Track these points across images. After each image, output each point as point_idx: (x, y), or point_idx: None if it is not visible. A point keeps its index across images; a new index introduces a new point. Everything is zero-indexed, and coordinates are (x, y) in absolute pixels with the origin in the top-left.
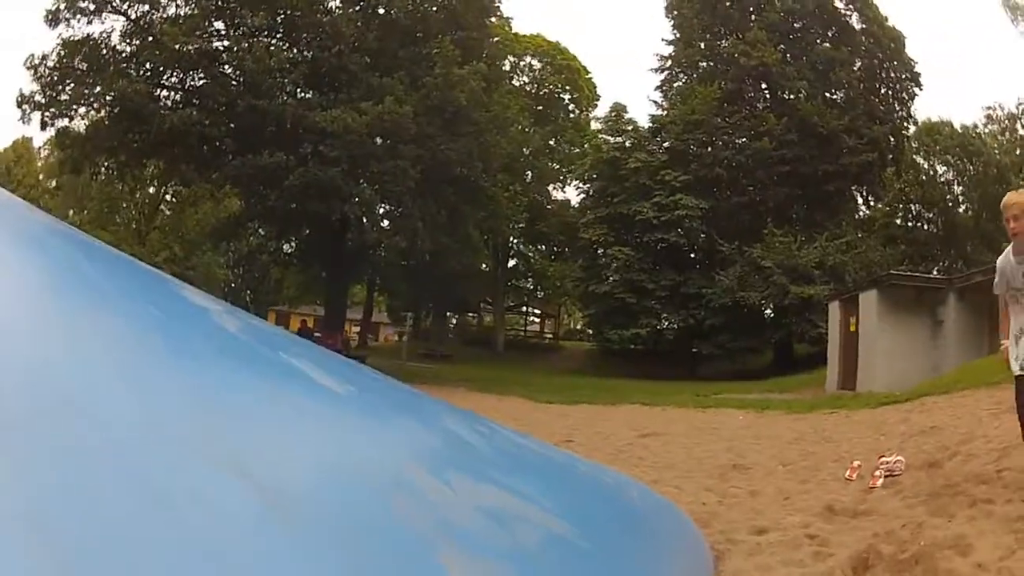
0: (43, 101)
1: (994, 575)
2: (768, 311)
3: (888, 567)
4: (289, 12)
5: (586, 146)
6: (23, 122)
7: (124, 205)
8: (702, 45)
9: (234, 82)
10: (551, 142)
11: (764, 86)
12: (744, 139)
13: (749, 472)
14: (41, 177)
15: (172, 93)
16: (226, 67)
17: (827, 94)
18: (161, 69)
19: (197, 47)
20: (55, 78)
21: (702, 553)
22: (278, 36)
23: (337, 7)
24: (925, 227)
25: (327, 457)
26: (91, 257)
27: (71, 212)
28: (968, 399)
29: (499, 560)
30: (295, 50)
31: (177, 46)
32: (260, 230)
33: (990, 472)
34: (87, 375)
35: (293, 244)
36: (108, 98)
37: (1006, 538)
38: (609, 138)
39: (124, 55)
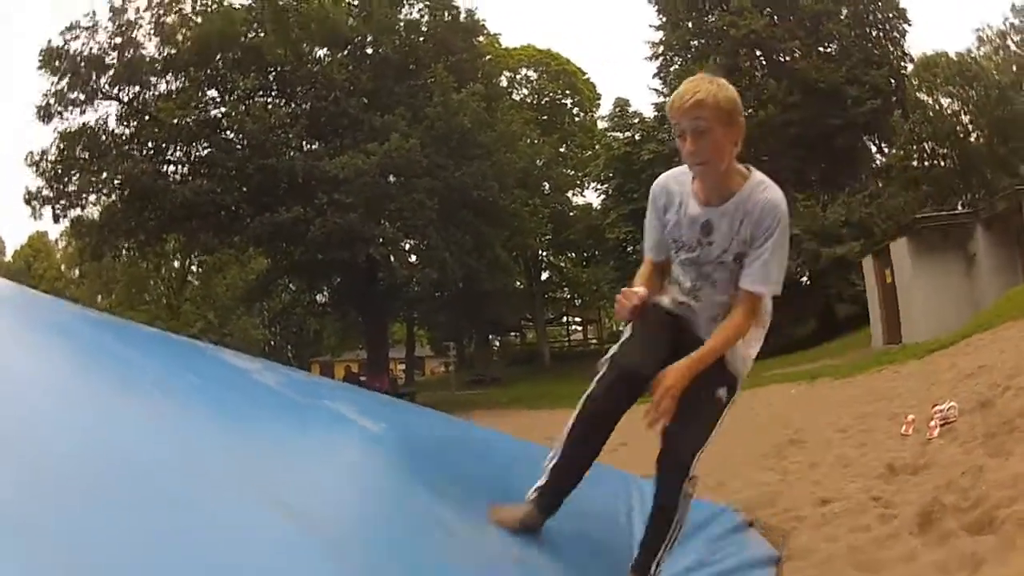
0: (51, 195)
1: None
2: (804, 279)
3: (953, 517)
4: (279, 68)
5: (597, 147)
6: (34, 218)
7: (152, 283)
8: (690, 24)
9: (238, 146)
10: (562, 149)
11: (759, 53)
12: (749, 110)
13: (806, 445)
14: (63, 268)
15: (179, 167)
16: (228, 132)
17: (820, 48)
18: (164, 145)
19: (195, 118)
20: (59, 171)
21: (756, 543)
22: (273, 93)
23: (326, 55)
24: (942, 163)
25: (360, 491)
26: (123, 338)
27: (99, 298)
28: (1012, 331)
29: None
30: (292, 104)
31: (175, 120)
32: (291, 285)
33: None
34: (133, 441)
35: (326, 294)
36: (116, 182)
37: None
38: (618, 134)
39: (124, 138)
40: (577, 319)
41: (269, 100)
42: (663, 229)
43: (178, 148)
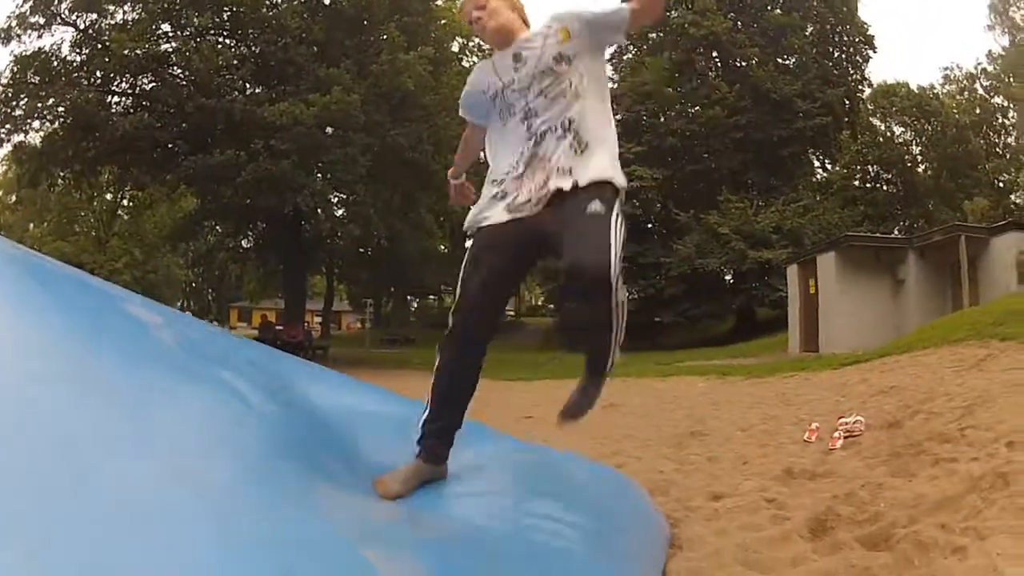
0: None
1: (959, 535)
2: (728, 277)
3: (847, 528)
4: (235, 9)
5: None
6: None
7: (82, 214)
8: None
9: (183, 83)
10: None
11: (715, 54)
12: (697, 108)
13: (707, 439)
14: (0, 193)
15: (123, 99)
16: (175, 68)
17: (779, 60)
18: (112, 76)
19: (145, 51)
20: (9, 94)
21: (656, 522)
22: (225, 34)
23: (282, 0)
24: (884, 187)
25: (245, 449)
26: (41, 280)
27: (31, 225)
28: (930, 357)
29: (418, 552)
30: (242, 47)
31: (126, 51)
32: (217, 228)
33: (953, 430)
34: (34, 390)
35: (250, 239)
36: (61, 109)
37: (970, 497)
38: None
39: (75, 65)
40: None
41: (220, 40)
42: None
43: (124, 80)
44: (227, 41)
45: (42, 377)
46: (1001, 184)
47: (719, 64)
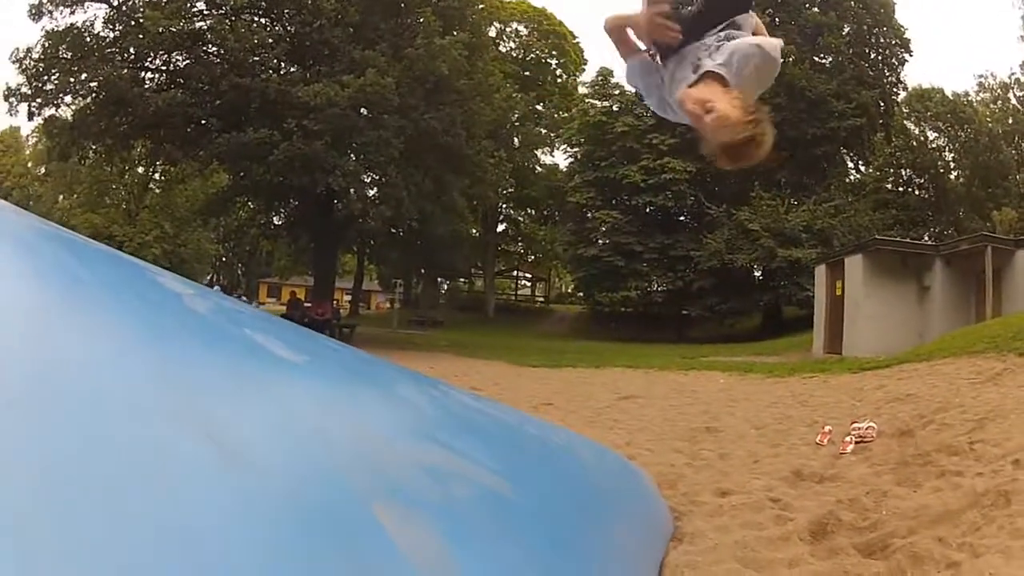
0: (29, 92)
1: (955, 550)
2: (757, 274)
3: (846, 534)
4: None
5: (573, 111)
6: (10, 114)
7: (113, 187)
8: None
9: (217, 61)
10: (539, 107)
11: None
12: None
13: (721, 435)
14: (30, 165)
15: (156, 75)
16: (209, 47)
17: (816, 59)
18: (145, 52)
19: (179, 28)
20: (40, 69)
21: (661, 514)
22: (260, 13)
23: None
24: (916, 192)
25: (279, 421)
26: (77, 254)
27: (61, 197)
28: (948, 367)
29: (433, 515)
30: (277, 26)
31: (160, 29)
32: (249, 204)
33: (962, 443)
34: (70, 359)
35: (282, 216)
36: (93, 85)
37: (971, 513)
38: (596, 102)
39: (108, 41)
40: (527, 275)
41: (255, 19)
42: None
43: (158, 57)
44: (262, 20)
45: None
46: None
47: None
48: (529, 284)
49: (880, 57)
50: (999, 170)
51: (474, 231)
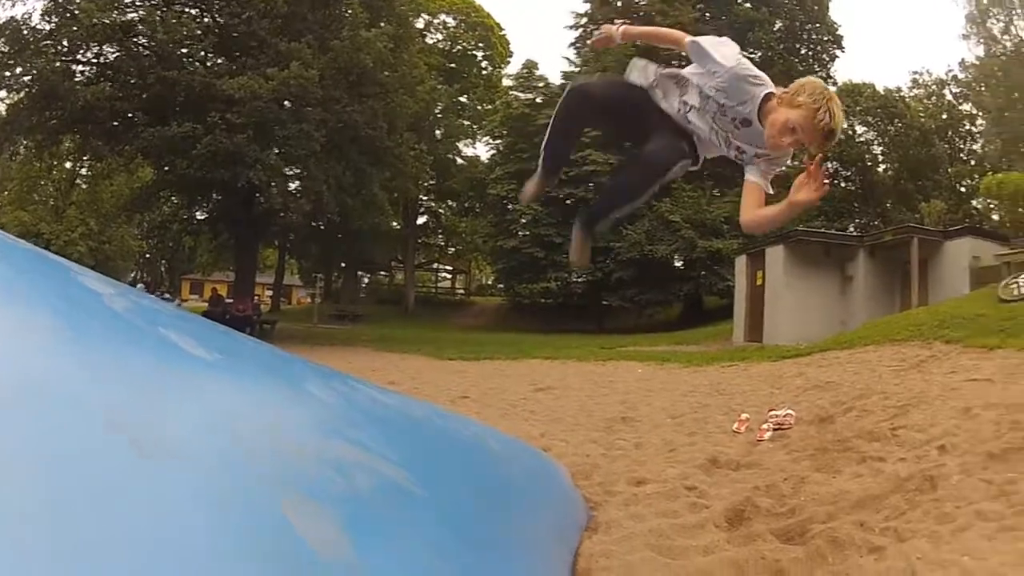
0: None
1: (877, 535)
2: (678, 264)
3: (763, 520)
4: None
5: (497, 103)
6: None
7: (42, 183)
8: (619, 3)
9: (146, 53)
10: (462, 99)
11: None
12: None
13: (637, 424)
14: None
15: (87, 68)
16: (139, 39)
17: (745, 53)
18: (78, 45)
19: (112, 20)
20: None
21: (574, 504)
22: (190, 4)
23: None
24: (843, 184)
25: (192, 418)
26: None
27: None
28: (871, 355)
29: (339, 509)
30: (207, 17)
31: (94, 21)
32: (173, 199)
33: (884, 430)
34: None
35: (205, 211)
36: (27, 79)
37: (894, 498)
38: (520, 95)
39: (43, 34)
40: (448, 267)
41: (185, 11)
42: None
43: (90, 50)
44: (192, 11)
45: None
46: (963, 189)
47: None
48: (449, 276)
49: (811, 52)
50: (930, 164)
51: (395, 224)
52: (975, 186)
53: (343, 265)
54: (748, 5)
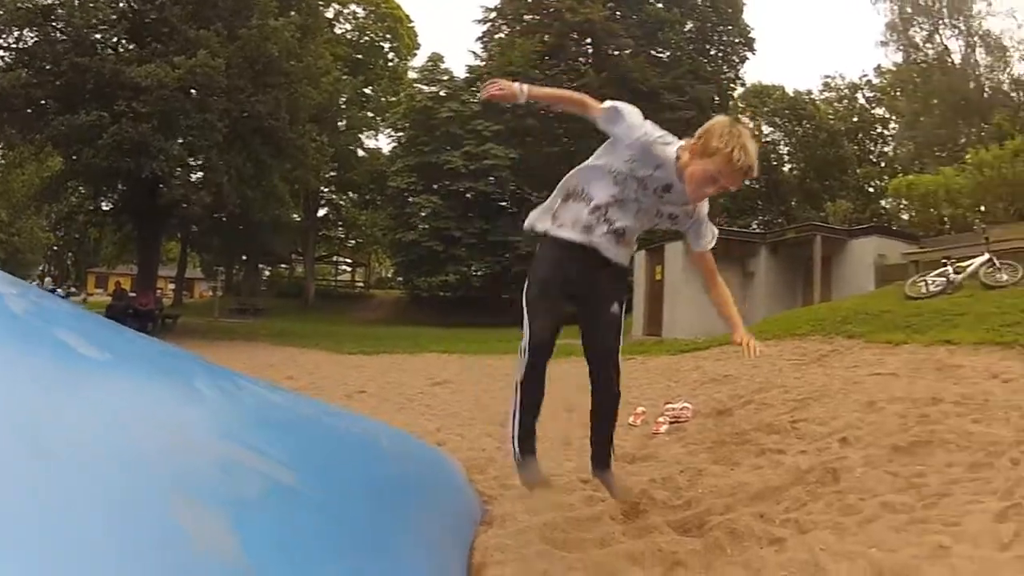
0: None
1: (777, 527)
2: None
3: (660, 513)
4: None
5: (401, 95)
6: None
7: None
8: (528, 0)
9: (63, 38)
10: (367, 90)
11: (589, 42)
12: None
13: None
14: None
15: (7, 54)
16: (57, 23)
17: (653, 52)
18: (1, 29)
19: (35, 3)
20: None
21: (468, 499)
22: None
23: None
24: (747, 183)
25: (83, 418)
26: None
27: None
28: (771, 349)
29: (226, 510)
30: (121, 2)
31: (18, 4)
32: (80, 189)
33: (784, 422)
34: None
35: (110, 202)
36: None
37: (795, 490)
38: (424, 87)
39: None
40: (348, 260)
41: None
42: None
43: (11, 35)
44: None
45: None
46: (871, 190)
47: (590, 51)
48: (349, 269)
49: (721, 53)
50: (838, 164)
51: (295, 216)
52: (883, 187)
53: (244, 258)
54: (660, 5)
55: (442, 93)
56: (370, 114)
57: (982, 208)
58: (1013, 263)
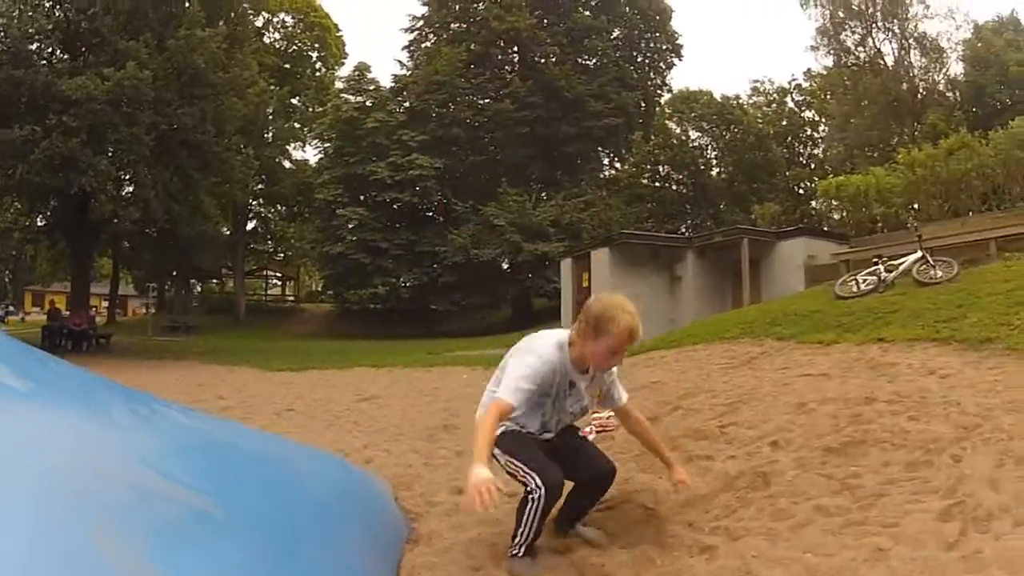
0: None
1: (707, 535)
2: (505, 267)
3: (589, 521)
4: None
5: (328, 105)
6: None
7: None
8: (457, 7)
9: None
10: (295, 101)
11: (515, 49)
12: (487, 100)
13: (459, 432)
14: None
15: None
16: None
17: (579, 60)
18: None
19: None
20: None
21: (393, 517)
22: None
23: None
24: (674, 187)
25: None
26: None
27: None
28: (700, 353)
29: (143, 537)
30: (57, 11)
31: None
32: (16, 204)
33: (712, 428)
34: None
35: (43, 219)
36: None
37: (724, 496)
38: (350, 97)
39: None
40: (278, 274)
41: (40, 2)
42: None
43: None
44: (46, 3)
45: None
46: (801, 191)
47: (516, 59)
48: (280, 283)
49: (648, 60)
50: (766, 167)
51: (224, 230)
52: (813, 189)
53: (175, 274)
54: (587, 13)
55: (368, 103)
56: (297, 125)
57: (915, 206)
58: (948, 260)
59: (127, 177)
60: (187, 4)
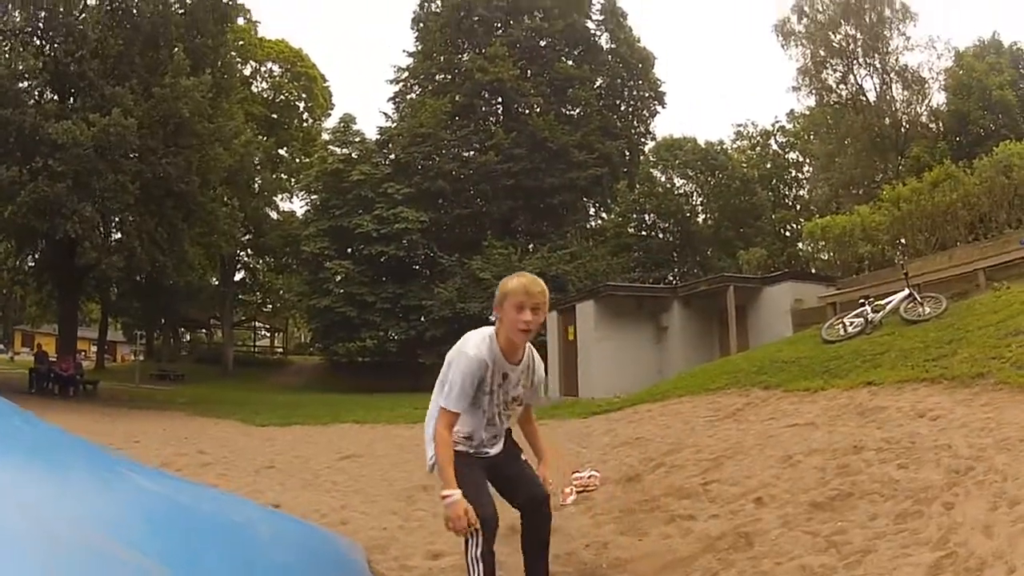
0: None
1: None
2: (491, 320)
3: None
4: (49, 11)
5: (314, 157)
6: None
7: None
8: (442, 59)
9: None
10: (281, 151)
11: (499, 100)
12: (472, 152)
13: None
14: None
15: None
16: None
17: (564, 110)
18: None
19: None
20: None
21: None
22: (37, 34)
23: (93, 4)
24: (660, 236)
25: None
26: None
27: None
28: (685, 406)
29: None
30: (48, 51)
31: None
32: (7, 244)
33: (695, 485)
34: None
35: (32, 260)
36: None
37: (705, 559)
38: (336, 149)
39: None
40: (266, 325)
41: (30, 41)
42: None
43: None
44: (36, 42)
45: None
46: (787, 234)
47: (500, 110)
48: (268, 335)
49: (631, 109)
50: (752, 211)
51: (213, 280)
52: (799, 230)
53: (163, 322)
54: (570, 62)
55: (354, 155)
56: (284, 176)
57: (902, 241)
58: (936, 295)
59: (113, 225)
60: (174, 50)
